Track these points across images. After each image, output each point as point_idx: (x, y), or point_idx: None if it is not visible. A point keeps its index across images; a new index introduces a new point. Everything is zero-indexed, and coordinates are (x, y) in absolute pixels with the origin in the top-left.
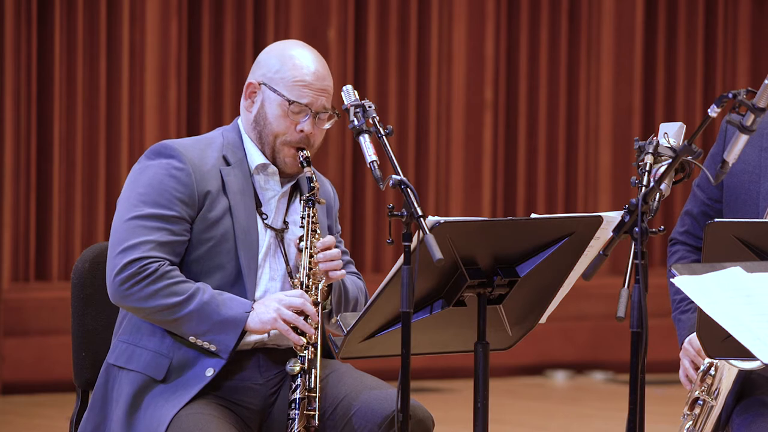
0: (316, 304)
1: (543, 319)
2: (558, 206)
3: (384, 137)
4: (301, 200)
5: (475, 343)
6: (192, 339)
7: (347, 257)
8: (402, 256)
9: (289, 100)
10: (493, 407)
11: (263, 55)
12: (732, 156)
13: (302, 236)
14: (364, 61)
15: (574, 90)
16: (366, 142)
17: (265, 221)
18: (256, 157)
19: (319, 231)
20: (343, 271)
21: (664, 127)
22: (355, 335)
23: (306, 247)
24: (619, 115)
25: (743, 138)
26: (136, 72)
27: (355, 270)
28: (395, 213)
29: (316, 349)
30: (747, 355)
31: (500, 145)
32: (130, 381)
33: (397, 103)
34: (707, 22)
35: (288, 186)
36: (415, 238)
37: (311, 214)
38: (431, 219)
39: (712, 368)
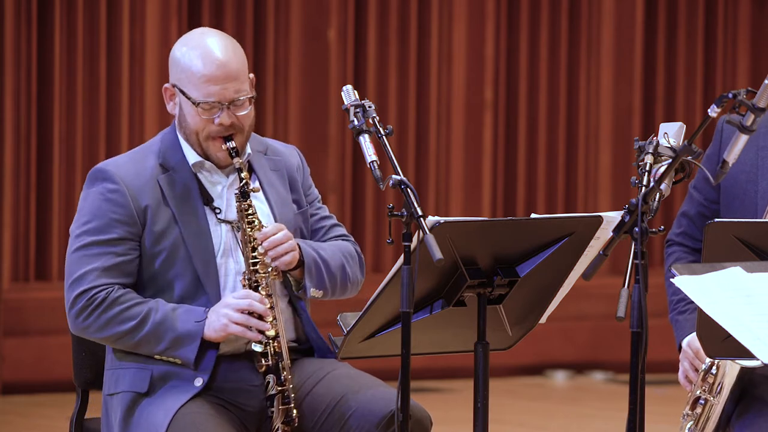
0: (269, 295)
1: (543, 319)
2: (558, 206)
3: (384, 137)
4: (233, 193)
5: (475, 343)
6: (157, 357)
7: (332, 221)
8: (402, 256)
9: (195, 102)
10: (493, 407)
11: (171, 54)
12: (732, 156)
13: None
14: (364, 61)
15: (574, 90)
16: (366, 142)
17: (218, 216)
18: (191, 156)
19: (258, 221)
20: (294, 254)
21: (664, 127)
22: (355, 335)
23: (247, 242)
24: (619, 115)
25: (743, 138)
26: (136, 72)
27: (344, 233)
28: (395, 213)
29: (278, 341)
30: (747, 355)
31: (500, 145)
32: (119, 402)
33: (397, 103)
34: (707, 22)
35: (233, 176)
36: (415, 238)
37: (244, 207)
38: (431, 219)
39: (714, 367)
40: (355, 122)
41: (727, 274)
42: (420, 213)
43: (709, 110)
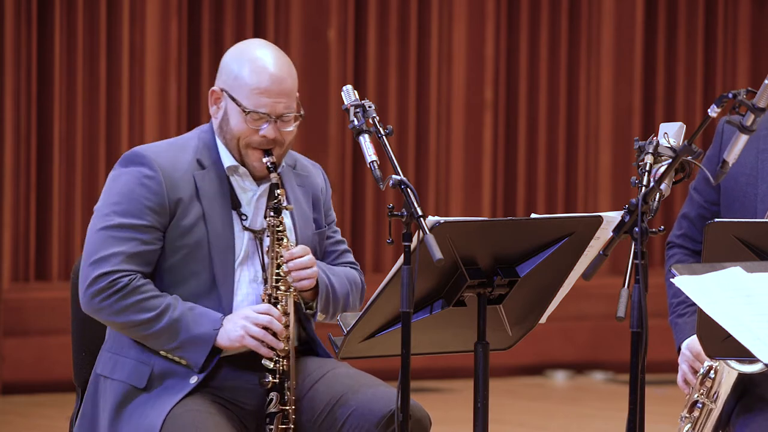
0: (286, 313)
1: (543, 319)
2: (558, 206)
3: (384, 137)
4: (267, 207)
5: (475, 343)
6: (163, 353)
7: (344, 246)
8: (402, 256)
9: (245, 110)
10: (493, 407)
11: (224, 60)
12: (732, 156)
13: (269, 246)
14: (364, 61)
15: (574, 90)
16: (366, 142)
17: (244, 222)
18: (227, 159)
19: (287, 239)
20: (312, 281)
21: (664, 127)
22: (355, 335)
23: (272, 258)
24: (619, 115)
25: (743, 138)
26: (136, 72)
27: (352, 260)
28: (395, 213)
29: (288, 360)
30: (747, 355)
31: (500, 145)
32: (113, 390)
33: (397, 103)
34: (707, 22)
35: (264, 186)
36: (415, 238)
37: (276, 224)
38: (431, 219)
39: (712, 371)
40: (355, 122)
41: (727, 274)
42: (420, 213)
43: (709, 110)
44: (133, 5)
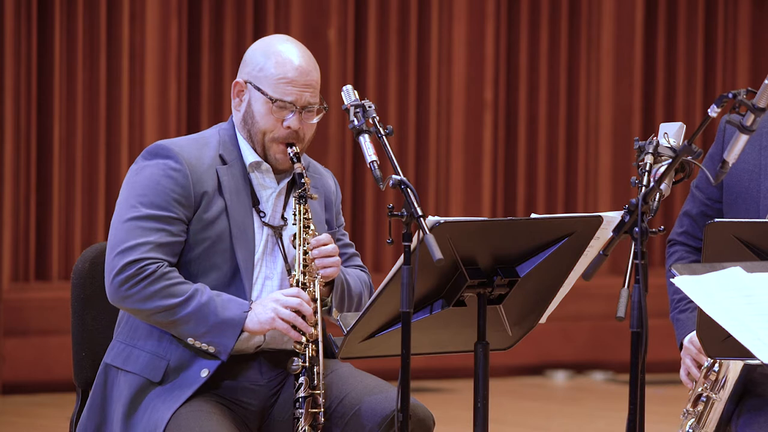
0: (314, 300)
1: (543, 319)
2: (558, 206)
3: (384, 137)
4: (292, 196)
5: (475, 343)
6: (190, 341)
7: (352, 250)
8: (402, 256)
9: (272, 99)
10: (493, 407)
11: (249, 53)
12: (732, 156)
13: (296, 233)
14: (364, 61)
15: (574, 90)
16: (366, 142)
17: (263, 219)
18: (248, 155)
19: (313, 227)
20: (337, 269)
21: (664, 127)
22: (355, 335)
23: (299, 244)
24: (619, 115)
25: (743, 138)
26: (136, 72)
27: (360, 263)
28: (395, 213)
29: (317, 346)
30: (747, 355)
31: (500, 145)
32: (128, 383)
33: (397, 103)
34: (707, 22)
35: (284, 182)
36: (415, 238)
37: (302, 211)
38: (431, 219)
39: (716, 365)
40: (355, 122)
41: (727, 274)
42: (420, 213)
43: (709, 110)
44: (133, 5)
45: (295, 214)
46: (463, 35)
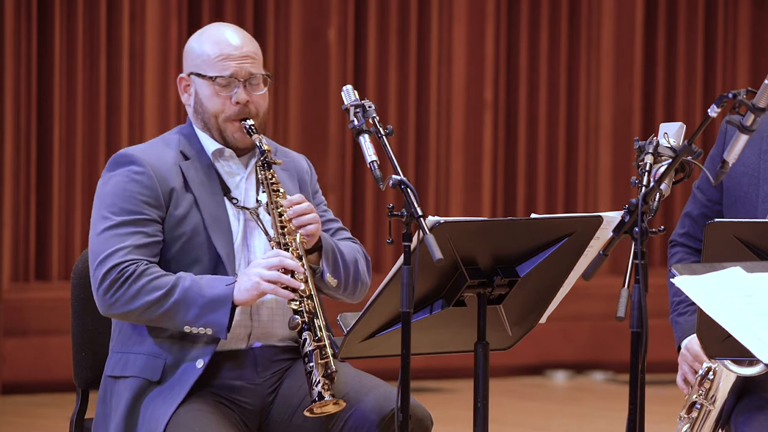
0: (299, 258)
1: (543, 319)
2: (558, 206)
3: (384, 137)
4: (256, 166)
5: (475, 343)
6: (187, 329)
7: (338, 224)
8: (402, 256)
9: (213, 78)
10: (493, 407)
11: (186, 47)
12: (732, 156)
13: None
14: (364, 61)
15: (574, 90)
16: (366, 142)
17: (237, 204)
18: (209, 145)
19: (282, 190)
20: (317, 225)
21: (664, 127)
22: (355, 335)
23: (273, 209)
24: (619, 115)
25: (743, 138)
26: (136, 72)
27: (350, 235)
28: (395, 213)
29: (312, 299)
30: (747, 355)
31: (500, 145)
32: (127, 387)
33: (397, 103)
34: (707, 22)
35: (252, 164)
36: (415, 238)
37: (268, 176)
38: (431, 219)
39: (710, 373)
40: (355, 122)
41: (727, 274)
42: (420, 213)
43: (709, 110)
44: (133, 5)
45: (262, 182)
46: (463, 35)
